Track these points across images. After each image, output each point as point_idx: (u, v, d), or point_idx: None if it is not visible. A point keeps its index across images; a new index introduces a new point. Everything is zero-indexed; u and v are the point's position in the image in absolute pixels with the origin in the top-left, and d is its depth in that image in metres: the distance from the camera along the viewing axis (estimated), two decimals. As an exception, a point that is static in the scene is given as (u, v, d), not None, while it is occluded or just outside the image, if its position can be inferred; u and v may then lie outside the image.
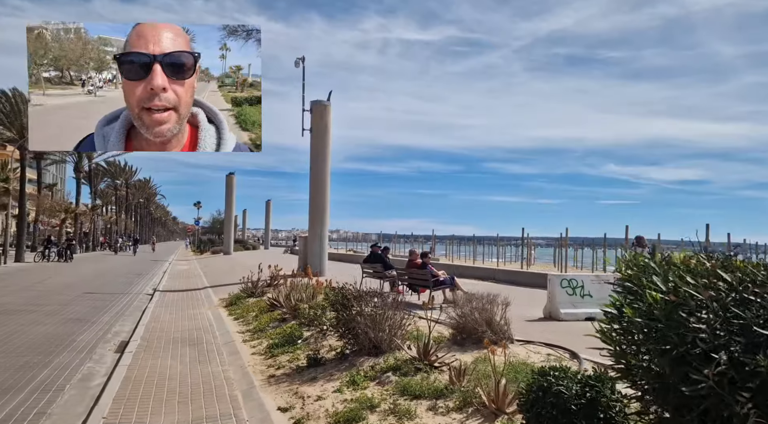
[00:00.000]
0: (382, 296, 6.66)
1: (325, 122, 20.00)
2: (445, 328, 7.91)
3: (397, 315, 6.35)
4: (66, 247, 31.61)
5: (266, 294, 12.96)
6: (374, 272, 13.30)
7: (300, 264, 20.76)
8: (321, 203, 19.94)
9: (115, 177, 74.18)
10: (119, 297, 15.42)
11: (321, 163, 19.96)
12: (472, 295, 7.06)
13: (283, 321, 9.24)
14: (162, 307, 13.11)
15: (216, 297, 14.68)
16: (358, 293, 6.76)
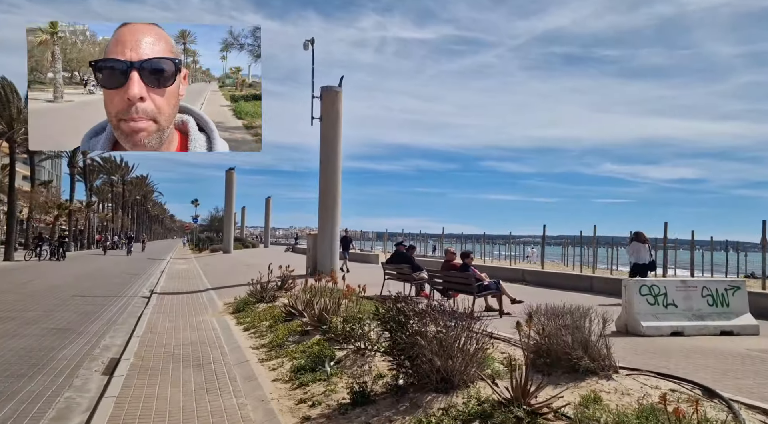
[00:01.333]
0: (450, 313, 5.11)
1: (337, 110, 18.47)
2: (509, 346, 6.42)
3: (471, 338, 4.81)
4: (58, 245, 29.99)
5: (278, 299, 11.45)
6: (399, 273, 11.78)
7: (309, 264, 19.24)
8: (332, 198, 18.41)
9: (111, 173, 72.49)
10: (112, 301, 13.88)
11: (332, 153, 18.42)
12: (558, 309, 5.53)
13: (305, 335, 7.72)
14: (160, 313, 11.57)
15: (220, 301, 13.15)
16: (418, 307, 5.21)
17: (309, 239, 19.83)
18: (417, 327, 4.84)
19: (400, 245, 12.50)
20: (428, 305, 5.09)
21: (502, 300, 9.09)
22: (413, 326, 4.85)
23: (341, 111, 18.61)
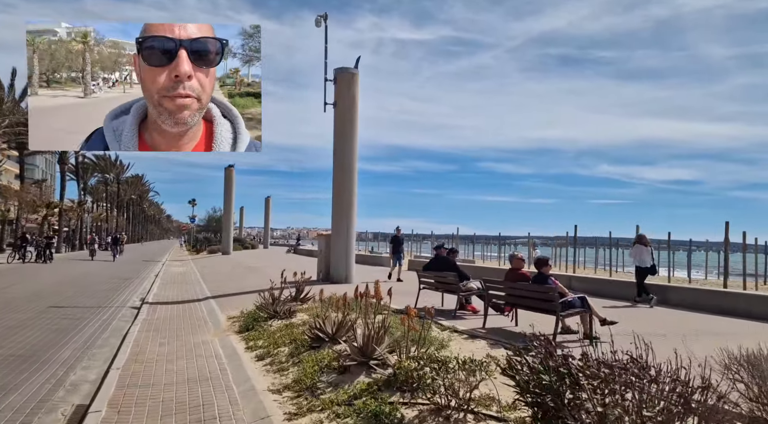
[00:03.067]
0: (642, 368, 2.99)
1: (353, 94, 16.37)
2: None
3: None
4: (45, 246, 27.80)
5: (295, 314, 9.36)
6: (441, 283, 9.69)
7: (320, 268, 17.16)
8: (347, 193, 16.31)
9: (105, 172, 70.28)
10: (95, 313, 11.76)
11: (347, 144, 16.33)
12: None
13: (345, 372, 5.63)
14: (149, 331, 9.47)
15: (223, 314, 11.04)
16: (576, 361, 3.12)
17: (321, 240, 17.73)
18: (597, 399, 2.72)
19: (441, 249, 10.40)
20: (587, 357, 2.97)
21: (591, 320, 7.00)
22: (591, 399, 2.74)
23: (357, 95, 16.53)
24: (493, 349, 6.64)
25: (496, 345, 6.81)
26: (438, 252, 10.21)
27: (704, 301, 11.46)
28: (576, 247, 31.86)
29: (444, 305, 10.60)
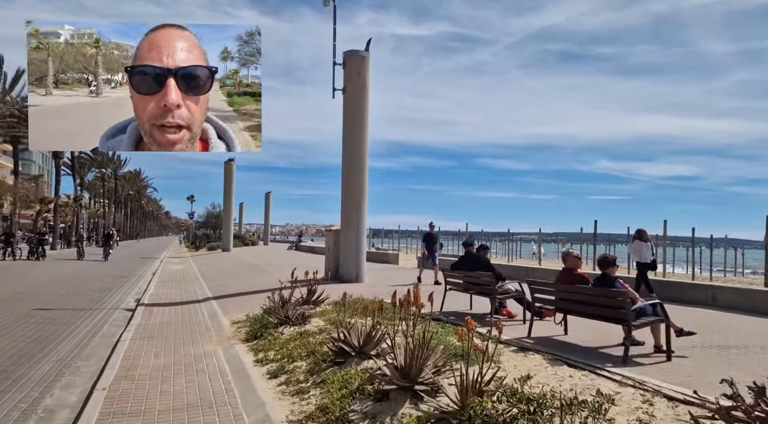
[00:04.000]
0: None
1: (363, 79, 15.23)
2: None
3: None
4: (37, 243, 26.64)
5: (309, 319, 8.25)
6: (473, 284, 8.58)
7: (329, 267, 16.04)
8: (357, 185, 15.19)
9: (102, 167, 69.04)
10: (84, 317, 10.66)
11: (357, 132, 15.19)
12: None
13: (383, 399, 4.52)
14: (144, 339, 8.36)
15: (226, 318, 9.93)
16: None
17: (329, 236, 16.61)
18: None
19: (471, 246, 9.24)
20: None
21: (668, 331, 5.89)
22: None
23: (368, 81, 15.38)
24: (553, 366, 5.53)
25: (556, 361, 5.70)
26: (468, 249, 9.08)
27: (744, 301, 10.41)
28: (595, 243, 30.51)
29: (473, 308, 9.50)
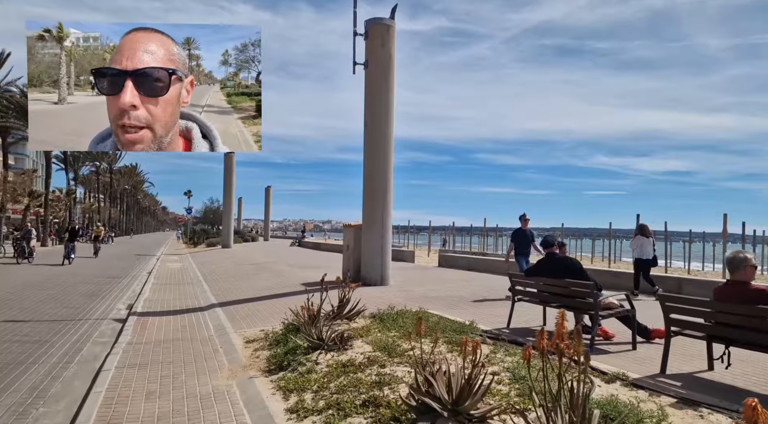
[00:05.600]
0: None
1: (388, 51, 13.27)
2: None
3: None
4: (22, 239, 24.60)
5: (351, 342, 6.31)
6: (561, 295, 6.63)
7: (348, 267, 14.12)
8: (382, 175, 13.27)
9: (96, 160, 66.95)
10: (63, 331, 8.74)
11: (382, 112, 13.25)
12: None
13: None
14: (133, 368, 6.44)
15: (238, 336, 8.00)
16: None
17: (348, 233, 14.67)
18: None
19: (554, 246, 7.16)
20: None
21: None
22: None
23: (394, 54, 13.42)
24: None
25: None
26: (550, 250, 7.08)
27: None
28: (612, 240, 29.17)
29: (548, 325, 7.60)
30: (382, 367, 5.30)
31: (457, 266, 19.22)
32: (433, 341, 5.96)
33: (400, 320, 7.26)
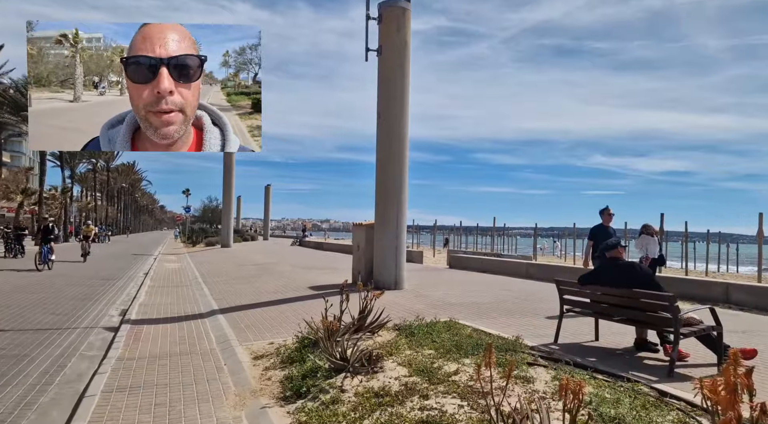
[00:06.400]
0: None
1: (403, 37, 12.31)
2: None
3: None
4: (15, 239, 23.63)
5: (381, 363, 5.34)
6: (626, 307, 5.66)
7: (359, 268, 13.18)
8: (396, 171, 12.31)
9: (93, 156, 65.92)
10: (46, 342, 7.77)
11: (397, 103, 12.29)
12: None
13: None
14: (123, 392, 5.47)
15: (244, 350, 7.03)
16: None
17: (358, 232, 13.70)
18: None
19: (616, 249, 6.12)
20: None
21: None
22: None
23: (409, 38, 12.46)
24: None
25: None
26: (613, 255, 6.09)
27: None
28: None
29: (600, 340, 6.64)
30: (425, 397, 4.34)
31: (470, 268, 18.27)
32: (480, 362, 5.02)
33: (433, 334, 6.31)
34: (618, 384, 4.47)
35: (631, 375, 4.79)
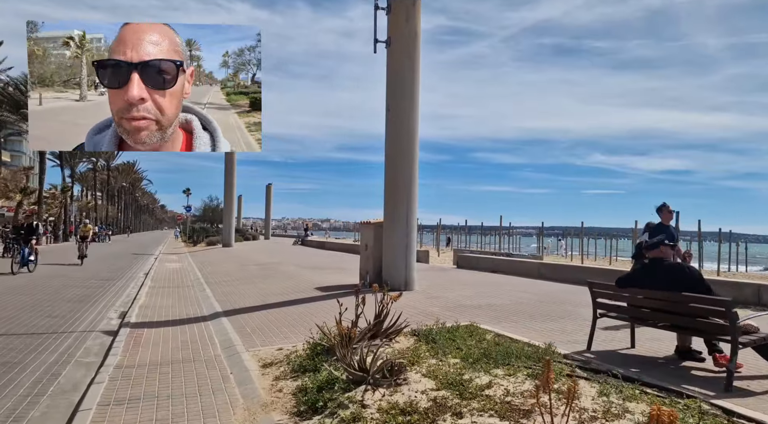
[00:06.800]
0: None
1: (413, 27, 11.84)
2: None
3: None
4: (13, 239, 23.12)
5: (405, 374, 4.87)
6: (671, 313, 5.19)
7: (367, 269, 12.73)
8: (406, 168, 11.85)
9: (93, 156, 65.49)
10: (39, 348, 7.32)
11: (406, 97, 11.83)
12: None
13: None
14: (121, 405, 5.01)
15: (251, 357, 6.56)
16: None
17: (366, 231, 13.23)
18: None
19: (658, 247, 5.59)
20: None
21: None
22: None
23: (419, 30, 11.99)
24: None
25: None
26: (655, 253, 5.60)
27: None
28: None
29: (637, 347, 6.17)
30: (458, 416, 3.88)
31: (479, 268, 17.80)
32: (515, 371, 4.55)
33: (457, 340, 5.84)
34: (674, 400, 4.00)
35: (684, 389, 4.32)
